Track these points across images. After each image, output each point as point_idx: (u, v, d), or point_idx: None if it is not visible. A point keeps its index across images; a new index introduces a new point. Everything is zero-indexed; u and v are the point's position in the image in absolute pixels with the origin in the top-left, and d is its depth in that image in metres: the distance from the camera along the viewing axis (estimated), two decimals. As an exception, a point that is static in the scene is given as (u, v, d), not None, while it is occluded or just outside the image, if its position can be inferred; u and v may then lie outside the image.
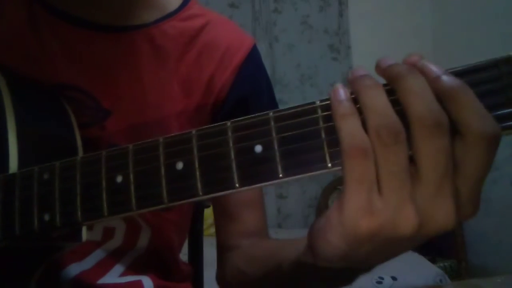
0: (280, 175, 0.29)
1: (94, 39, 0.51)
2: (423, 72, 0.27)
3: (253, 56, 0.59)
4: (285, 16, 2.45)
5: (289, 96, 2.42)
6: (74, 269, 0.51)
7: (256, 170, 0.30)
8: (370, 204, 0.27)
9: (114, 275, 0.54)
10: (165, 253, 0.59)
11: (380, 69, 0.29)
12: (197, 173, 0.31)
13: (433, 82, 0.27)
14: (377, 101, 0.27)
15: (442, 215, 0.27)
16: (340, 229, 0.28)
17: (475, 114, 0.26)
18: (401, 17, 2.50)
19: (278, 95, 0.63)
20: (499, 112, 0.27)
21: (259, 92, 0.59)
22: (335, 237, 0.29)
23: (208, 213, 0.76)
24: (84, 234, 0.39)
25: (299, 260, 0.37)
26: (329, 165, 0.28)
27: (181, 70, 0.54)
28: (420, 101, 0.26)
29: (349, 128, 0.27)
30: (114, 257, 0.54)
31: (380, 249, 0.29)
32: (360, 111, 0.28)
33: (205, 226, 0.85)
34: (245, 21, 2.36)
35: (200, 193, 0.30)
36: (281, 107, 0.33)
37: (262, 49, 2.33)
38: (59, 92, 0.49)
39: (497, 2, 2.07)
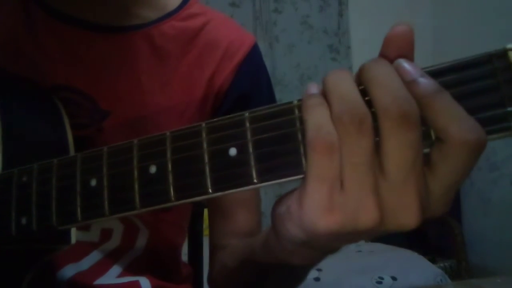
0: (255, 180, 0.27)
1: (92, 39, 0.51)
2: (398, 74, 0.25)
3: (253, 54, 0.58)
4: (285, 16, 2.45)
5: (289, 96, 2.41)
6: (70, 270, 0.51)
7: (230, 175, 0.28)
8: (331, 201, 0.25)
9: (111, 276, 0.53)
10: (164, 254, 0.58)
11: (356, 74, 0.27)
12: (170, 177, 0.29)
13: (407, 86, 0.25)
14: (341, 85, 0.26)
15: (405, 213, 0.25)
16: (299, 223, 0.27)
17: (453, 121, 0.24)
18: (401, 17, 2.50)
19: (278, 95, 0.63)
20: (492, 113, 0.25)
21: (258, 90, 0.59)
22: (294, 228, 0.28)
23: (208, 213, 0.76)
24: (74, 236, 0.38)
25: (266, 241, 0.36)
26: (305, 161, 0.26)
27: (181, 70, 0.54)
28: (383, 90, 0.24)
29: (315, 118, 0.25)
30: (111, 258, 0.54)
31: (341, 238, 0.28)
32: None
33: (205, 226, 0.85)
34: (245, 21, 2.36)
35: (173, 199, 0.29)
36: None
37: (262, 49, 2.32)
38: (56, 94, 0.48)
39: (497, 2, 2.07)
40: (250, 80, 0.57)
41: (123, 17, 0.52)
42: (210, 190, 0.28)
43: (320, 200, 0.26)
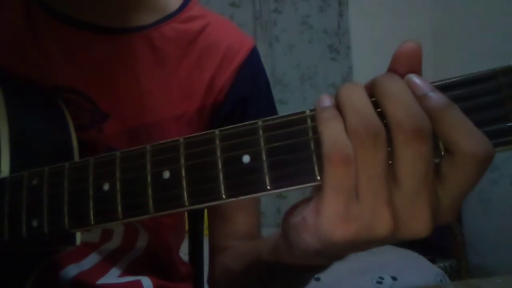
0: (268, 187, 0.28)
1: (93, 41, 0.51)
2: (409, 88, 0.26)
3: (252, 58, 0.59)
4: (285, 16, 2.46)
5: (289, 96, 2.42)
6: (73, 270, 0.51)
7: (243, 181, 0.29)
8: (347, 211, 0.26)
9: (112, 276, 0.53)
10: (164, 254, 0.59)
11: (366, 85, 0.28)
12: (184, 182, 0.30)
13: (418, 100, 0.26)
14: (356, 100, 0.27)
15: (418, 222, 0.26)
16: (315, 232, 0.28)
17: (463, 134, 0.25)
18: (401, 17, 2.50)
19: (278, 95, 0.64)
20: (497, 127, 0.26)
21: (257, 93, 0.59)
22: (310, 238, 0.28)
23: (209, 213, 0.76)
24: (78, 238, 0.38)
25: (275, 249, 0.37)
26: (318, 177, 0.27)
27: (181, 73, 0.54)
28: (397, 105, 0.25)
29: (331, 132, 0.26)
30: (112, 258, 0.54)
31: (354, 247, 0.29)
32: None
33: (205, 226, 0.85)
34: (245, 21, 2.37)
35: (186, 204, 0.30)
36: (280, 107, 0.32)
37: (262, 49, 2.33)
38: (56, 95, 0.49)
39: (497, 2, 2.07)
40: (250, 83, 0.57)
41: (124, 19, 0.52)
42: (224, 196, 0.29)
43: (337, 210, 0.26)
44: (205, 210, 0.82)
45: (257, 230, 0.59)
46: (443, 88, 0.27)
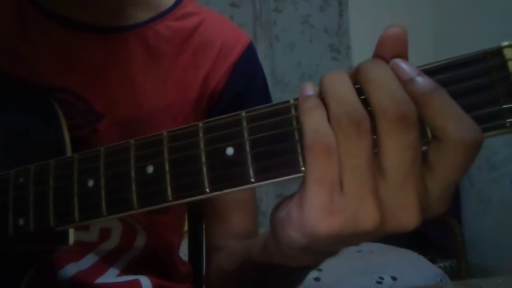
0: (252, 180, 0.27)
1: (85, 40, 0.50)
2: (395, 73, 0.25)
3: (248, 54, 0.58)
4: (285, 15, 2.45)
5: (290, 95, 2.39)
6: (71, 269, 0.51)
7: (227, 174, 0.28)
8: (331, 204, 0.25)
9: (111, 275, 0.53)
10: (163, 253, 0.58)
11: (351, 73, 0.27)
12: (168, 177, 0.29)
13: (404, 85, 0.25)
14: (338, 87, 0.26)
15: (405, 213, 0.25)
16: (300, 227, 0.27)
17: (451, 120, 0.24)
18: (401, 17, 2.50)
19: (278, 95, 0.63)
20: (487, 111, 0.25)
21: (253, 90, 0.58)
22: (296, 234, 0.28)
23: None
24: (72, 237, 0.38)
25: (265, 246, 0.36)
26: (303, 168, 0.26)
27: (175, 71, 0.53)
28: (381, 91, 0.24)
29: (312, 121, 0.26)
30: (111, 257, 0.54)
31: (342, 241, 0.28)
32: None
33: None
34: (245, 20, 2.36)
35: (170, 199, 0.29)
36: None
37: (263, 48, 2.33)
38: (50, 94, 0.48)
39: (498, 2, 2.07)
40: (245, 80, 0.57)
41: (117, 18, 0.52)
42: (208, 190, 0.28)
43: (321, 203, 0.25)
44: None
45: (254, 229, 0.59)
46: (430, 72, 0.26)
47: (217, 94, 0.55)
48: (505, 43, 0.25)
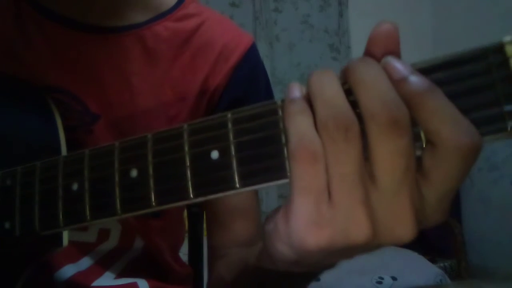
0: (237, 185, 0.26)
1: (82, 40, 0.50)
2: (386, 72, 0.23)
3: (250, 56, 0.56)
4: (285, 15, 2.45)
5: (289, 96, 2.41)
6: (69, 270, 0.50)
7: (211, 179, 0.27)
8: (319, 215, 0.23)
9: (109, 278, 0.52)
10: (161, 256, 0.57)
11: (341, 71, 0.25)
12: (151, 181, 0.28)
13: (396, 85, 0.23)
14: (325, 89, 0.24)
15: (399, 224, 0.23)
16: (287, 240, 0.25)
17: (446, 123, 0.22)
18: (401, 17, 2.50)
19: (278, 95, 0.63)
20: (486, 113, 0.23)
21: (256, 93, 0.57)
22: (283, 247, 0.26)
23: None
24: (66, 238, 0.37)
25: (259, 259, 0.35)
26: (289, 174, 0.25)
27: (173, 73, 0.52)
28: (370, 93, 0.22)
29: (297, 127, 0.24)
30: (109, 258, 0.53)
31: (334, 255, 0.26)
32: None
33: (205, 226, 0.84)
34: (245, 20, 2.36)
35: (154, 204, 0.28)
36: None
37: (263, 48, 2.33)
38: (46, 94, 0.47)
39: (498, 2, 2.07)
40: (247, 83, 0.55)
41: (115, 18, 0.51)
42: (192, 195, 0.27)
43: (307, 214, 0.24)
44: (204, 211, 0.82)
45: (257, 237, 0.57)
46: (425, 70, 0.24)
47: (216, 97, 0.54)
48: (508, 38, 0.23)
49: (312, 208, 0.24)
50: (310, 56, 2.47)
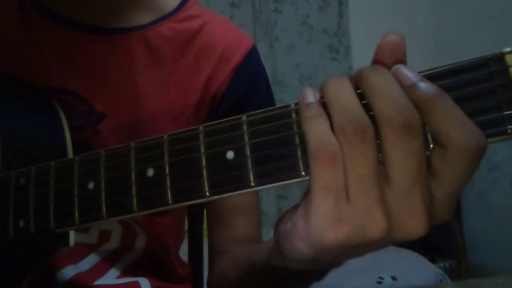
0: (252, 184, 0.27)
1: (87, 41, 0.50)
2: (397, 79, 0.25)
3: (251, 57, 0.58)
4: (285, 16, 2.45)
5: (289, 96, 2.41)
6: (70, 271, 0.50)
7: (227, 178, 0.28)
8: (338, 213, 0.25)
9: (111, 277, 0.53)
10: (162, 255, 0.58)
11: (351, 77, 0.27)
12: (168, 180, 0.29)
13: (407, 91, 0.25)
14: (341, 96, 0.26)
15: (412, 220, 0.25)
16: (307, 237, 0.27)
17: (455, 125, 0.24)
18: (401, 17, 2.50)
19: (278, 95, 0.63)
20: (489, 117, 0.25)
21: (256, 93, 0.58)
22: (302, 245, 0.27)
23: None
24: (72, 238, 0.38)
25: (269, 259, 0.36)
26: (303, 173, 0.27)
27: (177, 73, 0.53)
28: (385, 99, 0.24)
29: (316, 130, 0.25)
30: (110, 259, 0.53)
31: (349, 252, 0.28)
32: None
33: (205, 226, 0.85)
34: (245, 21, 2.36)
35: (170, 202, 0.29)
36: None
37: (262, 49, 2.33)
38: (51, 96, 0.48)
39: (498, 2, 2.07)
40: (248, 84, 0.57)
41: (120, 19, 0.52)
42: (208, 194, 0.28)
43: (327, 212, 0.25)
44: (205, 210, 0.82)
45: (257, 234, 0.58)
46: (432, 77, 0.26)
47: (219, 97, 0.55)
48: (507, 49, 0.25)
49: (332, 206, 0.25)
50: (310, 57, 2.47)
